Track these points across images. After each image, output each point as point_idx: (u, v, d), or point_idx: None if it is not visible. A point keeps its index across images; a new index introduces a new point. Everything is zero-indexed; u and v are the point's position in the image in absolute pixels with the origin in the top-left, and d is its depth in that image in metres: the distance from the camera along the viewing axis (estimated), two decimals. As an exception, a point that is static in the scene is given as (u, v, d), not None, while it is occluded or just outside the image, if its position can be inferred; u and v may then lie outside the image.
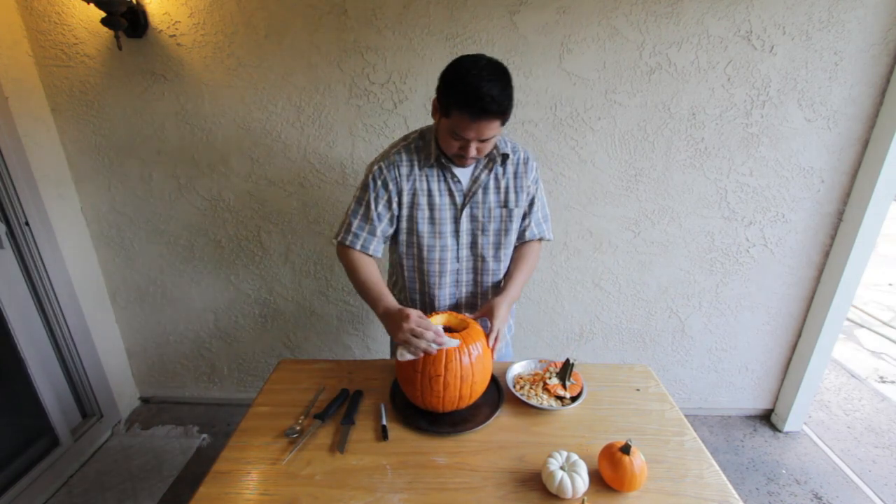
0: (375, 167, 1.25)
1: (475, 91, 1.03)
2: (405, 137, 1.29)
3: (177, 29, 1.76)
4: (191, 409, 2.40)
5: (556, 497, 0.92)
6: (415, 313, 1.06)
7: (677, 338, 2.20)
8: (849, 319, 3.56)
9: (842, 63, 1.71)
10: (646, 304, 2.14)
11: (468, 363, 1.07)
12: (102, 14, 1.63)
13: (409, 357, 1.06)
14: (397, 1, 1.70)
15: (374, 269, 1.27)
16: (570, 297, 2.13)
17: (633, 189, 1.93)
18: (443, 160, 1.23)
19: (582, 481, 0.91)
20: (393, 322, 1.10)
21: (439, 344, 1.04)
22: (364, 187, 1.26)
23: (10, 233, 1.77)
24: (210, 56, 1.80)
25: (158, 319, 2.27)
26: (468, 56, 1.10)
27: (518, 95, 1.77)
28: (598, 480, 0.96)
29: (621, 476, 0.92)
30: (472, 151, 1.13)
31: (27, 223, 1.79)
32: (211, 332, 2.29)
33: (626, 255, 2.04)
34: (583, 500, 0.91)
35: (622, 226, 1.99)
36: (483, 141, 1.12)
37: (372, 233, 1.26)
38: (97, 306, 2.15)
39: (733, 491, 0.95)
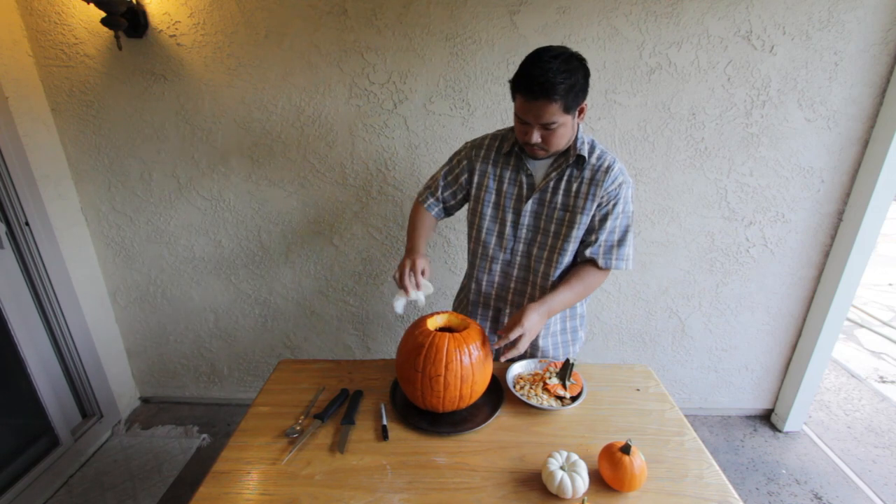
0: (467, 143, 1.35)
1: (528, 71, 1.06)
2: (499, 131, 1.33)
3: (177, 29, 1.76)
4: (191, 409, 2.40)
5: (556, 497, 0.92)
6: (418, 261, 1.22)
7: (677, 338, 2.20)
8: (849, 319, 3.56)
9: (842, 63, 1.71)
10: (646, 304, 2.14)
11: (468, 363, 1.07)
12: (102, 14, 1.63)
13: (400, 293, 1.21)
14: (397, 1, 1.70)
15: (422, 220, 1.36)
16: (570, 297, 2.13)
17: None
18: (518, 151, 1.24)
19: (582, 481, 0.91)
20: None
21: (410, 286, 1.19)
22: (452, 155, 1.38)
23: (10, 233, 1.77)
24: (210, 56, 1.80)
25: (158, 319, 2.27)
26: (545, 46, 1.11)
27: (518, 95, 1.79)
28: (598, 480, 0.96)
29: (621, 476, 0.92)
30: (535, 137, 1.12)
31: (27, 223, 1.79)
32: (211, 332, 2.29)
33: (626, 255, 2.04)
34: (583, 500, 0.91)
35: (622, 226, 1.99)
36: (547, 128, 1.10)
37: (433, 193, 1.37)
38: (97, 306, 2.15)
39: (733, 491, 0.95)
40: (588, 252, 1.24)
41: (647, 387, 1.29)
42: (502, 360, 1.18)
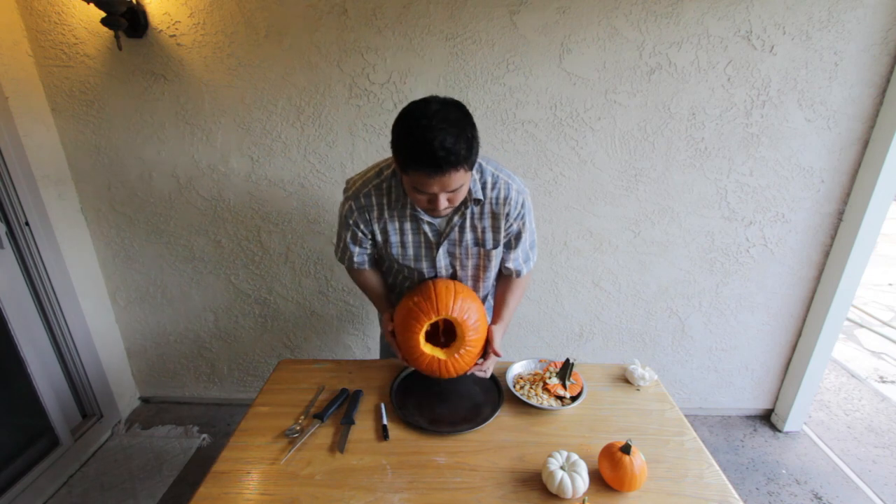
0: (346, 208, 1.21)
1: (427, 145, 0.92)
2: (379, 172, 1.17)
3: (177, 29, 1.76)
4: (191, 409, 2.40)
5: (556, 497, 0.92)
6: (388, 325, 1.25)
7: (677, 338, 2.20)
8: (849, 319, 3.55)
9: (842, 63, 1.71)
10: (646, 304, 2.14)
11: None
12: (102, 14, 1.63)
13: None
14: (397, 1, 1.70)
15: (372, 279, 1.37)
16: (570, 297, 2.13)
17: (633, 189, 1.93)
18: (414, 211, 1.16)
19: (582, 481, 0.91)
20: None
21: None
22: (340, 224, 1.28)
23: (10, 233, 1.77)
24: (210, 56, 1.80)
25: (158, 319, 2.27)
26: (416, 104, 0.99)
27: (518, 95, 1.79)
28: (598, 480, 0.96)
29: (621, 476, 0.92)
30: (443, 203, 1.02)
31: (27, 223, 1.79)
32: (211, 332, 2.29)
33: (626, 255, 2.04)
34: (583, 500, 0.91)
35: (622, 226, 1.99)
36: (453, 191, 1.01)
37: (362, 255, 1.31)
38: (97, 306, 2.15)
39: (733, 491, 0.95)
40: (513, 267, 1.30)
41: (647, 387, 1.29)
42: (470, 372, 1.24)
